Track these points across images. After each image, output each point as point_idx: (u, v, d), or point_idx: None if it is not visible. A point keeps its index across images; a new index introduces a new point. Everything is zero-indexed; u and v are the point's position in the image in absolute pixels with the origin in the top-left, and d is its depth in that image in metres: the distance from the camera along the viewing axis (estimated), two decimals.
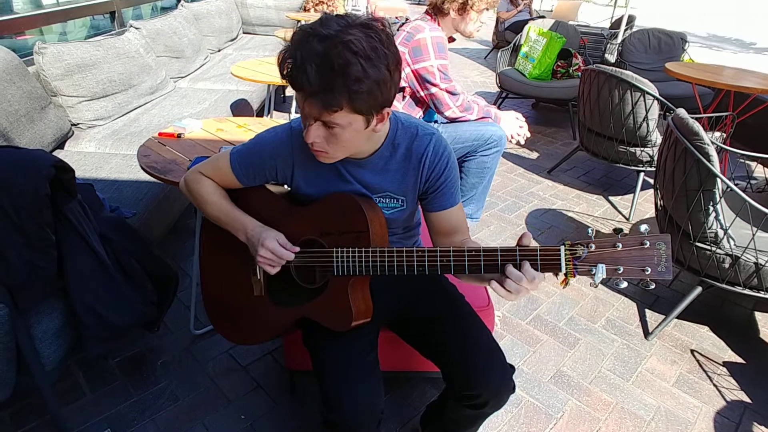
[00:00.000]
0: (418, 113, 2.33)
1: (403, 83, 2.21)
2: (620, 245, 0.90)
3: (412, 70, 2.17)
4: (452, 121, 2.30)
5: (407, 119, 1.17)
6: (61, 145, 2.62)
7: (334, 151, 1.04)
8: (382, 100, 0.97)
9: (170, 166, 1.73)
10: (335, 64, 0.89)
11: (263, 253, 1.12)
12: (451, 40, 2.36)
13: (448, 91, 2.18)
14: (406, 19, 2.36)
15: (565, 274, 0.93)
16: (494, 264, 0.99)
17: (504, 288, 0.97)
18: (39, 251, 1.27)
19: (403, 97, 2.28)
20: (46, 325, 1.38)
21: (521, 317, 2.18)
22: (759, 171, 3.67)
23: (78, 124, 2.73)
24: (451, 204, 1.19)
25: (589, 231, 0.94)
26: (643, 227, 0.89)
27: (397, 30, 2.22)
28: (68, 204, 1.35)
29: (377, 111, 0.99)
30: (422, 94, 2.22)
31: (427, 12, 2.27)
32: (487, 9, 2.22)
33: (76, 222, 1.36)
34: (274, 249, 1.11)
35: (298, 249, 1.14)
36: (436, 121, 2.43)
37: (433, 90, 2.17)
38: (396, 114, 1.16)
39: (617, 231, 0.92)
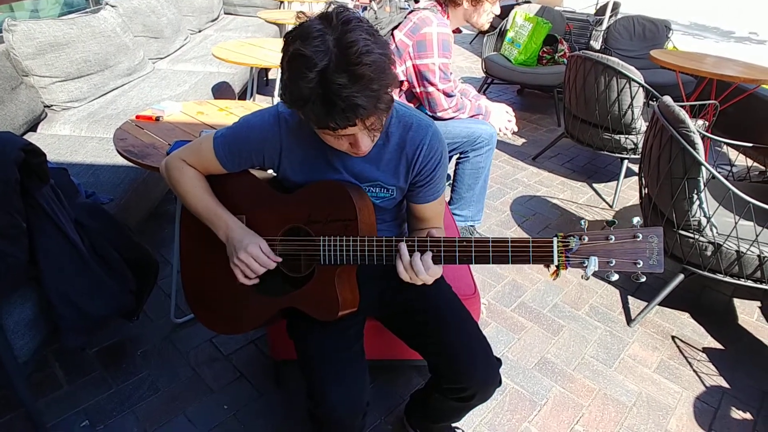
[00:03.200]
0: None
1: (402, 77, 2.14)
2: (613, 238, 0.88)
3: (414, 65, 2.09)
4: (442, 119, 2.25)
5: (402, 108, 1.13)
6: (33, 128, 2.52)
7: (371, 146, 1.03)
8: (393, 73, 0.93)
9: (148, 150, 1.67)
10: (365, 77, 0.85)
11: (243, 257, 1.09)
12: (458, 31, 2.28)
13: (444, 93, 2.12)
14: (416, 0, 2.23)
15: (557, 266, 0.91)
16: (485, 255, 0.98)
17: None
18: (9, 239, 1.22)
19: (401, 91, 2.22)
20: (19, 316, 1.33)
21: (506, 304, 2.18)
22: (741, 160, 3.72)
23: (51, 105, 2.63)
24: (434, 198, 1.19)
25: (582, 223, 0.92)
26: (636, 219, 0.88)
27: (404, 18, 2.12)
28: (40, 189, 1.30)
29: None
30: (418, 90, 2.15)
31: (437, 0, 2.16)
32: None
33: (48, 208, 1.31)
34: (257, 255, 1.09)
35: (280, 259, 1.12)
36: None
37: (431, 89, 2.11)
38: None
39: (610, 223, 0.90)
